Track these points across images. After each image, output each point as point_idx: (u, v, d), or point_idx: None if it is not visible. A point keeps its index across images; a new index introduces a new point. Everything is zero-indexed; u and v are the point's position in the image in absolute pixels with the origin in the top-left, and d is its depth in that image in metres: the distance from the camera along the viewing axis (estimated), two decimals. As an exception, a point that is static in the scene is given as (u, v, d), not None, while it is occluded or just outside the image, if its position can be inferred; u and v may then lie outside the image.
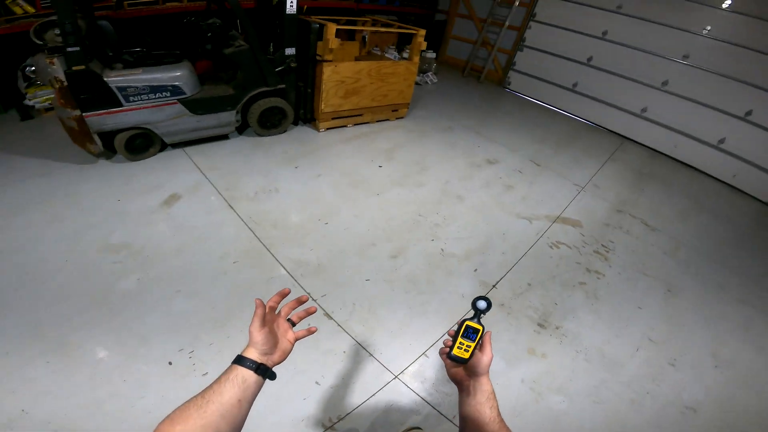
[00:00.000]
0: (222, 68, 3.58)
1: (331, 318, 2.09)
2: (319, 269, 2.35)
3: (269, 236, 2.52)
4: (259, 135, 3.66)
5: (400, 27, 4.11)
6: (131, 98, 2.87)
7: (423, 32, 3.93)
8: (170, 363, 1.74)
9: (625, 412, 1.94)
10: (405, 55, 4.43)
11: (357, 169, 3.37)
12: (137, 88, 2.84)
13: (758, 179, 5.03)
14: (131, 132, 2.96)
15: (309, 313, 0.91)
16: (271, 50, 3.37)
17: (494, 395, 0.76)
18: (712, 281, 3.01)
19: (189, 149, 3.28)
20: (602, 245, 3.07)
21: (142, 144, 3.10)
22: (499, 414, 0.73)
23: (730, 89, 4.92)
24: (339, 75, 3.58)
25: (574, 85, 6.01)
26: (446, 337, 0.86)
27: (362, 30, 4.53)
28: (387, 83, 4.00)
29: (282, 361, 0.82)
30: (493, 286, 2.48)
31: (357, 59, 4.17)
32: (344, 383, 1.81)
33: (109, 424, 1.52)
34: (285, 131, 3.77)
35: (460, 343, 0.79)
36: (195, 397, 0.64)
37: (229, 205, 2.72)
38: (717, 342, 2.47)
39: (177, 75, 2.96)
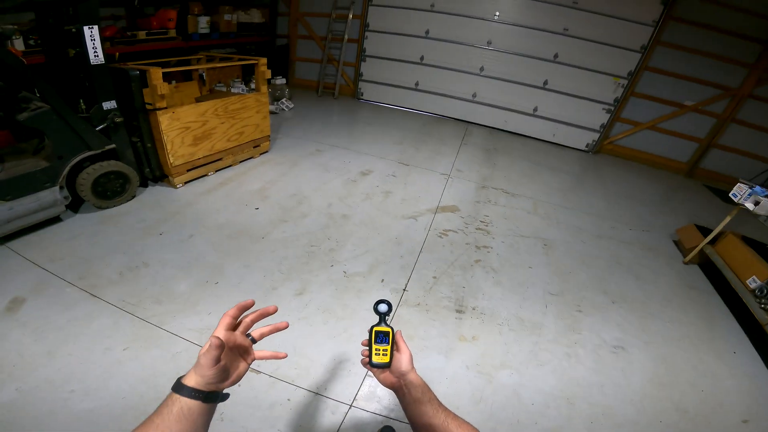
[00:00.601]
0: (23, 138, 2.90)
1: (260, 372, 1.90)
2: (220, 339, 2.09)
3: (156, 313, 2.15)
4: (100, 208, 3.06)
5: (239, 59, 3.94)
6: None
7: (264, 60, 3.85)
8: None
9: (567, 367, 2.22)
10: (232, 89, 4.29)
11: (232, 218, 3.10)
12: None
13: (571, 133, 6.41)
14: None
15: (277, 329, 0.78)
16: (83, 107, 2.86)
17: (428, 387, 0.76)
18: (571, 226, 3.69)
19: (13, 244, 2.57)
20: (480, 221, 3.47)
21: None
22: (439, 403, 0.74)
23: (528, 65, 6.13)
24: (180, 121, 3.24)
25: (416, 84, 6.68)
26: (362, 348, 0.85)
27: (197, 68, 4.21)
28: (240, 119, 3.79)
29: (235, 384, 0.71)
30: (404, 289, 2.57)
31: (198, 100, 3.84)
32: (306, 430, 1.69)
33: None
34: (134, 196, 3.25)
35: (376, 349, 0.80)
36: None
37: (92, 294, 2.23)
38: (599, 280, 3.04)
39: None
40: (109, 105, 2.86)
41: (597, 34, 5.68)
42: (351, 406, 1.84)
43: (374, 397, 1.91)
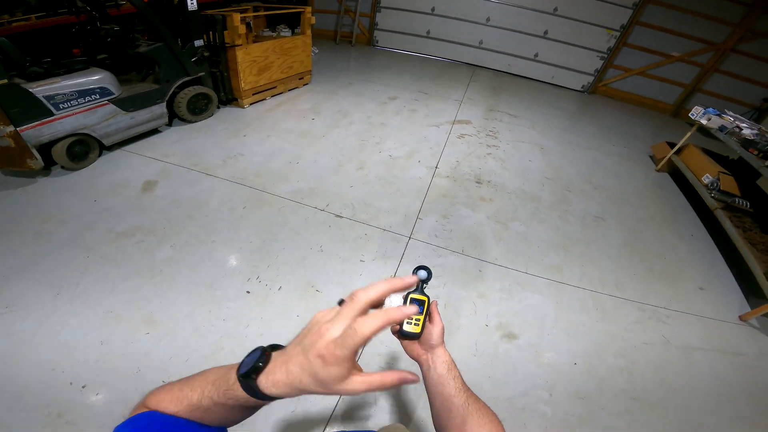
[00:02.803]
0: (127, 70, 3.69)
1: (342, 217, 2.78)
2: (312, 191, 2.99)
3: (259, 183, 3.02)
4: (191, 122, 3.91)
5: (290, 8, 4.69)
6: (61, 105, 2.93)
7: (309, 8, 4.63)
8: (248, 292, 2.13)
9: (561, 226, 3.09)
10: (281, 33, 5.01)
11: (296, 125, 3.96)
12: (65, 94, 2.91)
13: (568, 76, 7.13)
14: (69, 139, 3.01)
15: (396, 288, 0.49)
16: (180, 44, 3.64)
17: (454, 364, 0.72)
18: (564, 140, 4.54)
19: (129, 147, 3.40)
20: (489, 131, 4.33)
21: (81, 151, 3.14)
22: (463, 383, 0.70)
23: (530, 17, 6.77)
24: (251, 56, 4.05)
25: (428, 32, 7.32)
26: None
27: (246, 17, 4.92)
28: (290, 56, 4.58)
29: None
30: (436, 167, 3.47)
31: (255, 41, 4.60)
32: (380, 255, 2.52)
33: (236, 358, 1.99)
34: (212, 114, 4.08)
35: (409, 318, 0.71)
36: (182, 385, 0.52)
37: (209, 174, 3.09)
38: (585, 174, 3.91)
39: (101, 77, 3.08)
40: (199, 43, 3.64)
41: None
42: (410, 237, 2.71)
43: (425, 232, 2.75)
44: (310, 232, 2.63)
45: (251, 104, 4.33)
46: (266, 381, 0.44)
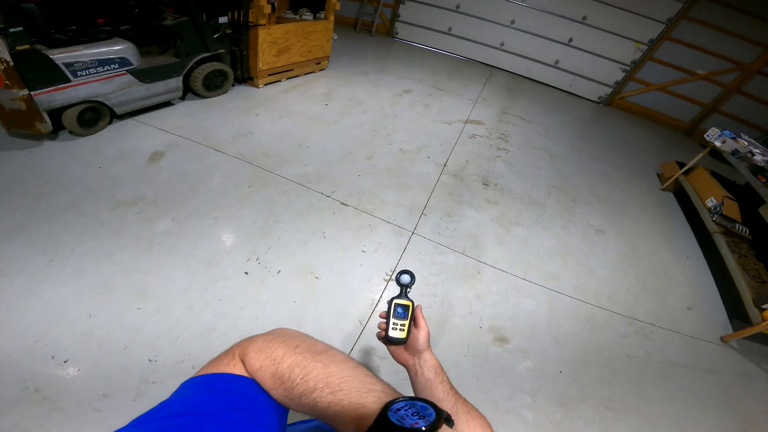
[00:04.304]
0: (149, 42, 3.69)
1: (347, 205, 2.80)
2: (319, 176, 3.00)
3: (266, 163, 3.03)
4: (205, 97, 3.91)
5: None
6: (78, 73, 2.93)
7: (335, -7, 4.57)
8: (246, 273, 2.12)
9: (563, 235, 3.10)
10: (302, 16, 4.98)
11: (308, 108, 3.96)
12: (84, 62, 2.91)
13: (586, 86, 7.06)
14: (81, 106, 3.02)
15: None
16: (204, 20, 3.63)
17: (441, 368, 0.72)
18: (575, 148, 4.53)
19: (140, 118, 3.38)
20: (501, 133, 4.31)
21: (92, 118, 3.15)
22: (451, 386, 0.70)
23: (556, 23, 6.67)
24: (272, 36, 4.03)
25: (449, 29, 7.24)
26: (379, 320, 0.80)
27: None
28: (311, 40, 4.56)
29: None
30: (444, 164, 3.47)
31: (277, 22, 4.57)
32: (382, 246, 2.54)
33: (226, 342, 1.99)
34: (227, 91, 4.08)
35: (394, 323, 0.75)
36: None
37: (217, 150, 3.10)
38: (592, 187, 3.90)
39: (123, 48, 3.07)
40: (223, 19, 3.62)
41: (626, 2, 6.15)
42: (413, 233, 2.71)
43: (428, 229, 2.76)
44: (313, 217, 2.64)
45: (266, 84, 4.32)
46: None
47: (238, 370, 0.49)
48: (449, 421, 0.37)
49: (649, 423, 1.98)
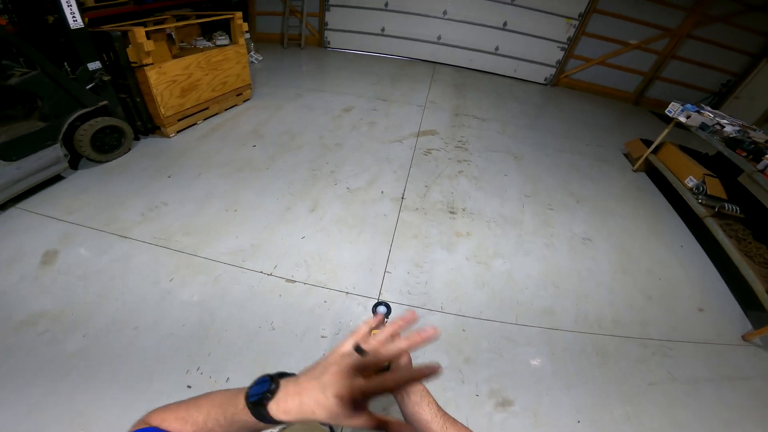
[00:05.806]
0: (6, 106, 2.93)
1: (294, 281, 2.24)
2: (255, 249, 2.41)
3: (188, 245, 2.40)
4: (101, 162, 3.18)
5: (215, 15, 3.96)
6: None
7: (239, 14, 3.93)
8: (189, 387, 1.69)
9: (548, 256, 2.70)
10: (217, 42, 4.31)
11: (234, 155, 3.32)
12: None
13: (530, 69, 6.87)
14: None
15: (424, 339, 0.49)
16: (68, 69, 2.91)
17: (427, 391, 0.73)
18: (536, 143, 4.17)
19: (25, 204, 2.64)
20: (458, 141, 3.87)
21: (-48, 220, 2.42)
22: (438, 408, 0.70)
23: (488, 8, 6.41)
24: (167, 75, 3.34)
25: (382, 29, 6.77)
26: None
27: (165, 28, 4.17)
28: (222, 70, 3.89)
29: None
30: (402, 198, 2.97)
31: (174, 57, 3.88)
32: (344, 325, 2.03)
33: None
34: (129, 149, 3.37)
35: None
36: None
37: (123, 236, 2.43)
38: (565, 185, 3.54)
39: (-42, 121, 2.35)
40: (93, 66, 2.91)
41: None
42: (378, 300, 2.20)
43: (396, 289, 2.28)
44: (256, 305, 2.08)
45: (179, 132, 3.63)
46: (277, 408, 0.46)
47: None
48: (283, 376, 0.51)
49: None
